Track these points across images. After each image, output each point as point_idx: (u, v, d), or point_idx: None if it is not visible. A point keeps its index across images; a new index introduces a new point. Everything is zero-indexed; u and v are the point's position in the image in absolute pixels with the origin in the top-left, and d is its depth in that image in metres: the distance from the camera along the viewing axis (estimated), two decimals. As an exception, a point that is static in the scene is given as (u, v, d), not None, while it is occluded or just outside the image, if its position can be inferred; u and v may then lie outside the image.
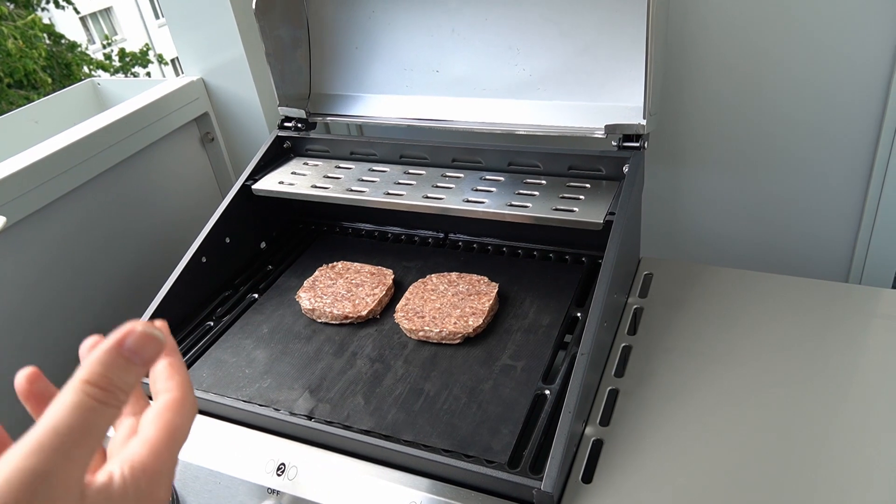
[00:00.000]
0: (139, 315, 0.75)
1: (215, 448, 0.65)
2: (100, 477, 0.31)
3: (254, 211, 0.89)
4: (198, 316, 0.81)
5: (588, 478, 0.57)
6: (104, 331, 0.33)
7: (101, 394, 0.31)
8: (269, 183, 0.87)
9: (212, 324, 0.80)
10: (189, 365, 0.74)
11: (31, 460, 0.28)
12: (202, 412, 0.68)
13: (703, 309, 0.74)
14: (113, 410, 0.31)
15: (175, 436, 0.35)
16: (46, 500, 0.28)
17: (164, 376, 0.37)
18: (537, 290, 0.78)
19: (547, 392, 0.64)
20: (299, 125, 0.93)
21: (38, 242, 0.87)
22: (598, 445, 0.60)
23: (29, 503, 0.27)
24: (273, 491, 0.61)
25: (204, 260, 0.82)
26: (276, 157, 0.93)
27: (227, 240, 0.85)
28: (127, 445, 0.34)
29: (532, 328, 0.73)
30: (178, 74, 1.08)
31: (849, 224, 0.89)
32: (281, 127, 0.94)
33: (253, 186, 0.87)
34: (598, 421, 0.63)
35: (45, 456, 0.28)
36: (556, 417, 0.58)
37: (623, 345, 0.71)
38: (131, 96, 1.03)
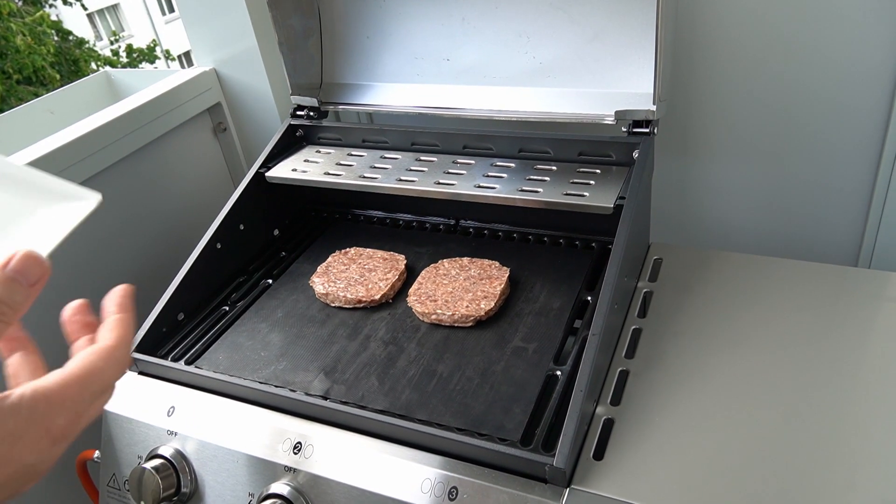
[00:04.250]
0: (154, 301, 0.77)
1: (233, 428, 0.66)
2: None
3: (267, 198, 0.90)
4: (213, 301, 0.82)
5: (599, 455, 0.58)
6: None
7: None
8: (283, 170, 0.88)
9: (227, 308, 0.81)
10: (206, 348, 0.75)
11: None
12: (219, 393, 0.69)
13: (713, 293, 0.75)
14: None
15: (91, 377, 0.38)
16: None
17: (108, 327, 0.42)
18: (548, 274, 0.79)
19: (558, 373, 0.65)
20: (311, 114, 0.94)
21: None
22: (608, 424, 0.61)
23: None
24: (290, 469, 0.62)
25: (218, 246, 0.83)
26: (288, 145, 0.94)
27: (242, 226, 0.87)
28: (45, 376, 0.38)
29: (543, 311, 0.74)
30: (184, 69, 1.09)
31: (858, 208, 0.89)
32: (293, 115, 0.95)
33: (266, 174, 0.88)
34: (608, 401, 0.64)
35: None
36: (567, 397, 0.59)
37: (633, 327, 0.72)
38: (144, 87, 1.03)
